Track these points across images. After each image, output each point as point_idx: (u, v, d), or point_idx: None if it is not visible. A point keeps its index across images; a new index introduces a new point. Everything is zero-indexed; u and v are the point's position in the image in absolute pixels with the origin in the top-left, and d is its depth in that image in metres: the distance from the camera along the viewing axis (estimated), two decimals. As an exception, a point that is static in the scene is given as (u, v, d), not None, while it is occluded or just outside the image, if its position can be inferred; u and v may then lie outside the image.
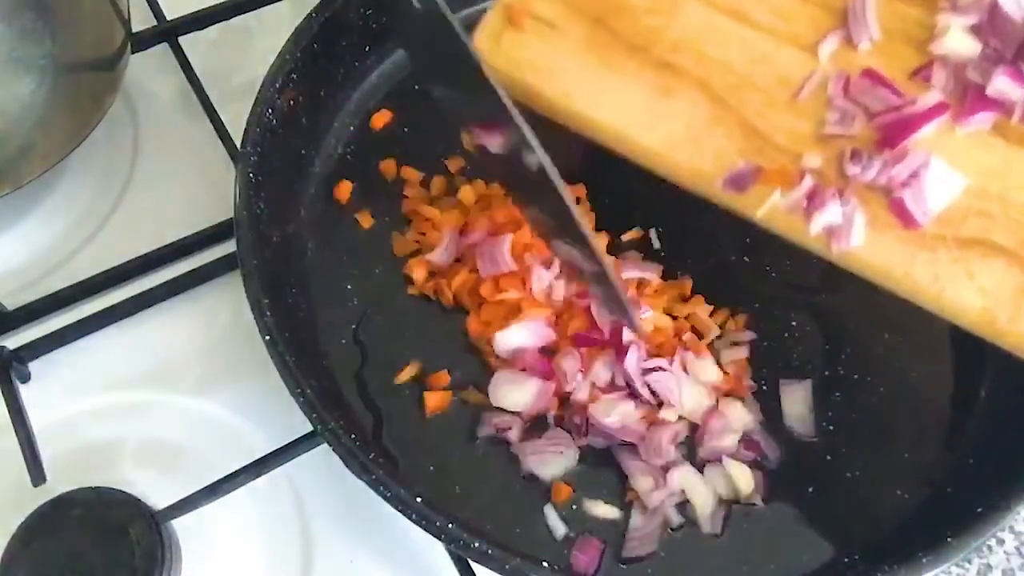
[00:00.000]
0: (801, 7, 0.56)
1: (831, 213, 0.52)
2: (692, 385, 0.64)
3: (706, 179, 0.55)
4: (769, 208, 0.53)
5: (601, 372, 0.63)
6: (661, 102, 0.55)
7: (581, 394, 0.63)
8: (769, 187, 0.53)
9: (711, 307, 0.69)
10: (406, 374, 0.65)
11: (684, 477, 0.62)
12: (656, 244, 0.72)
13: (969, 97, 0.52)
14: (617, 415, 0.62)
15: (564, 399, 0.64)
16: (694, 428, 0.64)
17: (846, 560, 0.59)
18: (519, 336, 0.64)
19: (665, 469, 0.62)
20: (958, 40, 0.53)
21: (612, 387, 0.64)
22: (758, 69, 0.55)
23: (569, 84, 0.56)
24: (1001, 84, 0.51)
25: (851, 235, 0.52)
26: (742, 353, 0.67)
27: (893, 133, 0.52)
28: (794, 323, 0.69)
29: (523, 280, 0.66)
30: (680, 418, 0.63)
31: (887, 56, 0.55)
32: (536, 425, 0.64)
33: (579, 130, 0.57)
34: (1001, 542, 0.67)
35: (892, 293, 0.54)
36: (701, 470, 0.62)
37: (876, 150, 0.53)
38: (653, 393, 0.63)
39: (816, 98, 0.54)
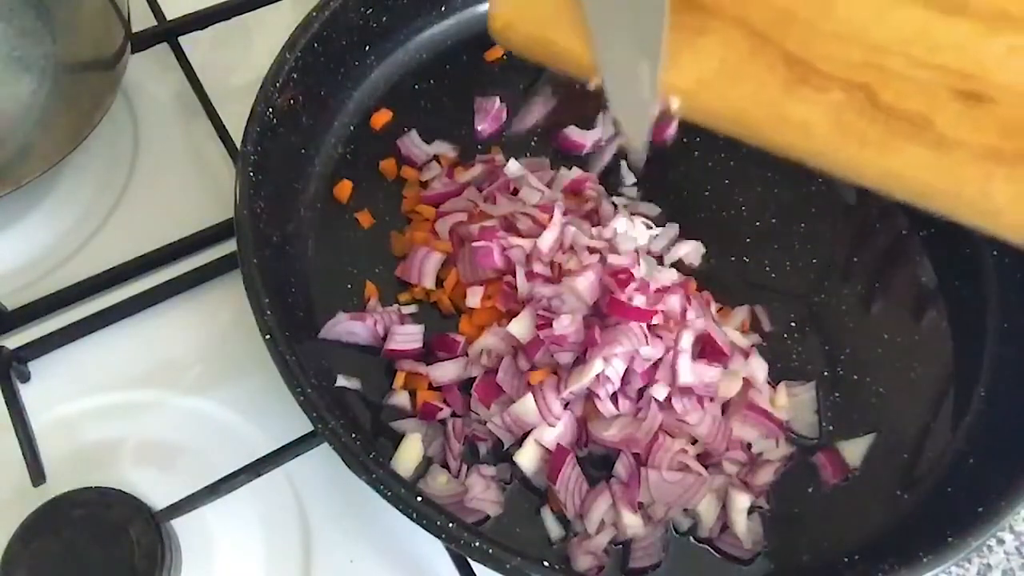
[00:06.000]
0: None
1: None
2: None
3: (744, 114, 0.52)
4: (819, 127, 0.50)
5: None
6: (692, 42, 0.52)
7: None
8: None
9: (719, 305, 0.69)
10: (399, 380, 0.65)
11: None
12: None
13: None
14: (616, 429, 0.61)
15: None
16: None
17: (846, 560, 0.59)
18: (448, 371, 0.64)
19: None
20: None
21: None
22: (798, 1, 0.52)
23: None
24: None
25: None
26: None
27: None
28: (794, 323, 0.69)
29: (505, 287, 0.65)
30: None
31: None
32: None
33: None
34: (1001, 542, 0.67)
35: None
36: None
37: None
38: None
39: (864, 26, 0.51)
